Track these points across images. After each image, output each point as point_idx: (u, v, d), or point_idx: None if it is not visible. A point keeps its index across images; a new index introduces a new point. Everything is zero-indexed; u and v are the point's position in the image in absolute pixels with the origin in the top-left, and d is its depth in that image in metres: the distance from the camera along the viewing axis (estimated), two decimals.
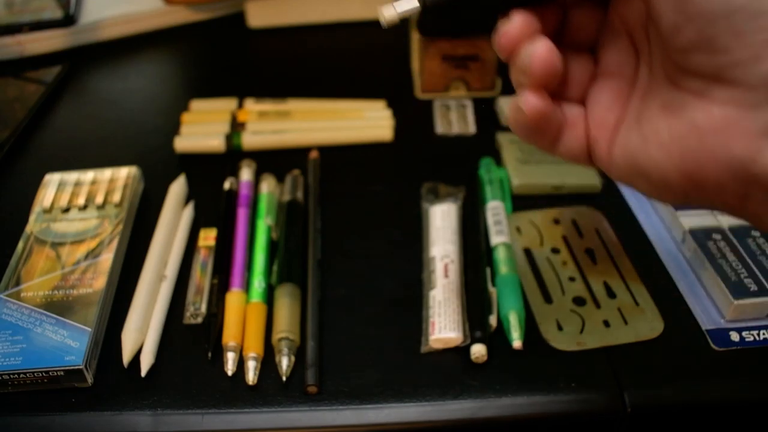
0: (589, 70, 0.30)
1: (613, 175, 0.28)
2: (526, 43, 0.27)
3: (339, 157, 0.52)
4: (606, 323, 0.39)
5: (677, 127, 0.25)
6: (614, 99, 0.29)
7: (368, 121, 0.55)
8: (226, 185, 0.48)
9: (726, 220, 0.43)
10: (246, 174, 0.49)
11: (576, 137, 0.29)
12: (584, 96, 0.30)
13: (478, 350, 0.36)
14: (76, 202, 0.45)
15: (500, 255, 0.42)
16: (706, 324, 0.39)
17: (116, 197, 0.46)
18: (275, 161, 0.50)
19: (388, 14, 0.27)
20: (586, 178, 0.47)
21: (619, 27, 0.28)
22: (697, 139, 0.24)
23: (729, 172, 0.23)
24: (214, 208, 0.46)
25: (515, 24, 0.27)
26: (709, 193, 0.25)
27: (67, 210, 0.45)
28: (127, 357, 0.37)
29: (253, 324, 0.39)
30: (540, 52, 0.26)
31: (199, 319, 0.40)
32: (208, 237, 0.44)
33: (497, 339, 0.38)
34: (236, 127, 0.54)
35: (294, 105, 0.56)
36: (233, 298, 0.40)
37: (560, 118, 0.29)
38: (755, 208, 0.24)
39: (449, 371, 0.37)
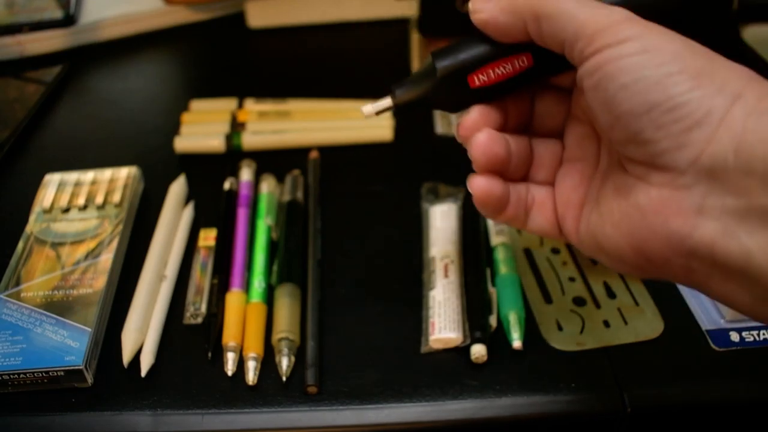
0: (557, 155, 0.32)
1: (582, 249, 0.31)
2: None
3: (339, 157, 0.52)
4: (606, 323, 0.39)
5: (625, 207, 0.27)
6: (579, 180, 0.31)
7: (368, 121, 0.55)
8: (226, 185, 0.48)
9: None
10: (246, 174, 0.49)
11: (545, 215, 0.32)
12: (553, 178, 0.32)
13: (478, 350, 0.37)
14: (76, 202, 0.45)
15: (500, 255, 0.42)
16: (706, 324, 0.39)
17: (116, 197, 0.46)
18: (275, 161, 0.50)
19: (366, 111, 0.32)
20: None
21: (581, 116, 0.31)
22: (641, 218, 0.26)
23: (670, 247, 0.25)
24: (214, 208, 0.46)
25: (472, 116, 0.30)
26: (658, 266, 0.27)
27: (67, 210, 0.45)
28: (127, 357, 0.37)
29: (253, 324, 0.39)
30: (480, 140, 0.30)
31: (199, 319, 0.40)
32: (208, 237, 0.44)
33: (497, 339, 0.38)
34: (236, 127, 0.54)
35: (294, 105, 0.56)
36: (233, 298, 0.40)
37: (523, 199, 0.31)
38: (699, 279, 0.26)
39: (449, 371, 0.37)
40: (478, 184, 0.30)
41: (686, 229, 0.25)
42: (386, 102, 0.32)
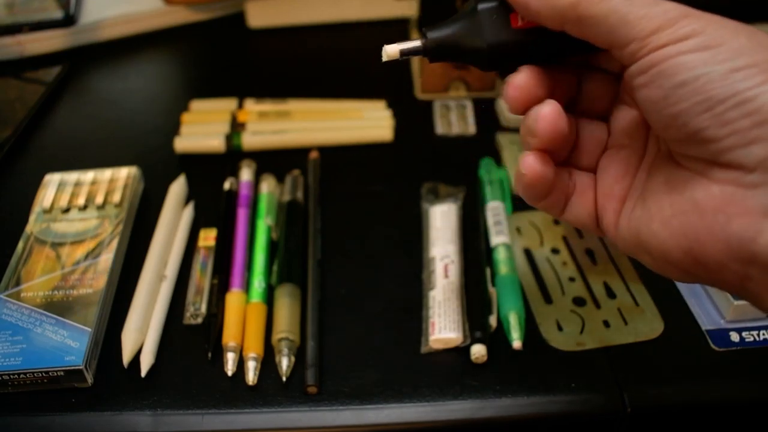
0: (601, 140, 0.30)
1: (619, 246, 0.29)
2: (534, 101, 0.27)
3: (339, 158, 0.52)
4: (606, 323, 0.39)
5: (679, 203, 0.25)
6: (624, 170, 0.29)
7: (368, 121, 0.55)
8: (226, 185, 0.48)
9: None
10: (246, 174, 0.49)
11: (584, 205, 0.29)
12: (595, 165, 0.30)
13: (478, 350, 0.37)
14: (76, 203, 0.45)
15: (500, 255, 0.42)
16: (706, 324, 0.39)
17: (116, 197, 0.46)
18: (275, 161, 0.50)
19: (389, 50, 0.28)
20: None
21: (630, 101, 0.29)
22: (698, 216, 0.24)
23: (728, 251, 0.23)
24: (214, 208, 0.46)
25: (523, 76, 0.27)
26: (710, 271, 0.25)
27: (67, 210, 0.45)
28: (127, 357, 0.37)
29: (253, 324, 0.39)
30: (546, 112, 0.27)
31: (199, 320, 0.40)
32: (208, 237, 0.44)
33: (497, 339, 0.38)
34: (236, 127, 0.54)
35: (294, 105, 0.56)
36: (233, 299, 0.40)
37: (566, 184, 0.29)
38: (755, 288, 0.24)
39: (449, 371, 0.37)
40: (532, 166, 0.27)
41: (750, 232, 0.23)
42: (415, 43, 0.28)
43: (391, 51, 0.28)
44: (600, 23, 0.24)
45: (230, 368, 0.37)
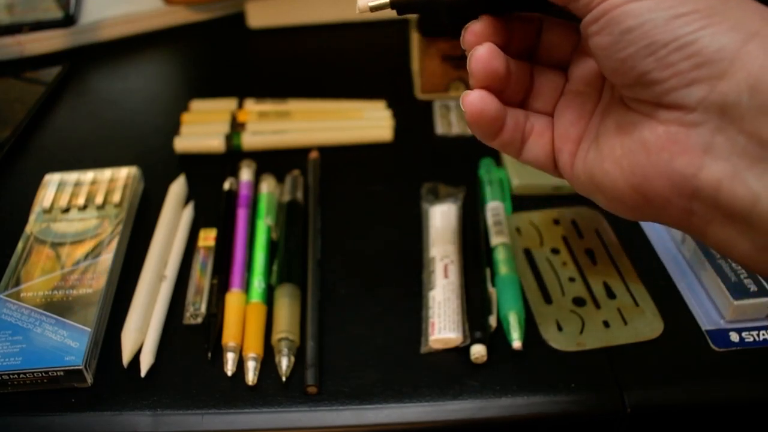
0: (558, 86, 0.32)
1: (575, 186, 0.30)
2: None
3: (339, 158, 0.52)
4: (606, 324, 0.39)
5: (628, 143, 0.27)
6: (579, 114, 0.31)
7: (368, 122, 0.55)
8: (226, 185, 0.48)
9: None
10: (246, 174, 0.49)
11: (541, 146, 0.31)
12: (552, 109, 0.32)
13: (478, 350, 0.36)
14: (76, 203, 0.45)
15: (500, 255, 0.42)
16: (705, 324, 0.39)
17: (116, 197, 0.46)
18: (275, 161, 0.50)
19: (360, 4, 0.30)
20: None
21: (590, 51, 0.30)
22: (645, 155, 0.26)
23: (672, 187, 0.25)
24: (214, 208, 0.46)
25: (480, 24, 0.29)
26: (657, 207, 0.26)
27: (66, 210, 0.45)
28: (126, 357, 0.37)
29: (252, 324, 0.39)
30: (480, 53, 0.28)
31: (199, 320, 0.40)
32: (207, 237, 0.44)
33: (497, 339, 0.38)
34: (236, 127, 0.54)
35: (294, 105, 0.56)
36: (233, 299, 0.40)
37: (521, 125, 0.31)
38: (698, 222, 0.25)
39: (449, 371, 0.37)
40: (471, 100, 0.29)
41: (692, 168, 0.24)
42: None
43: (361, 4, 0.30)
44: None
45: (230, 368, 0.37)
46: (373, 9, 0.30)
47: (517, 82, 0.31)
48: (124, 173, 0.48)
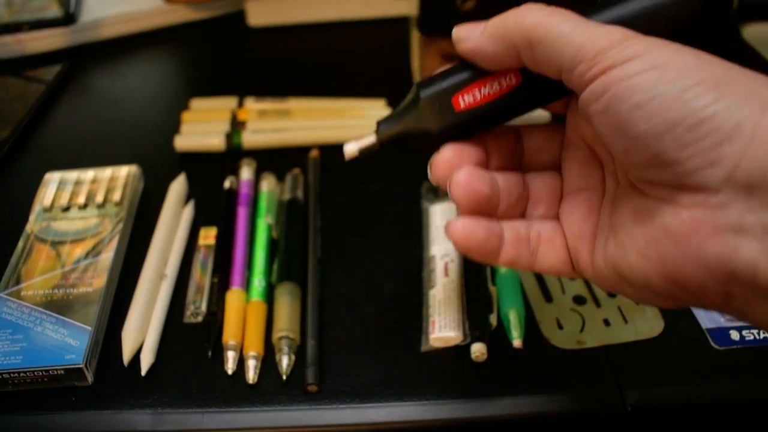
0: (555, 187, 0.31)
1: (599, 283, 0.29)
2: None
3: (339, 156, 0.51)
4: (606, 322, 0.39)
5: (651, 233, 0.25)
6: (588, 210, 0.29)
7: (368, 120, 0.55)
8: (227, 184, 0.48)
9: None
10: (246, 173, 0.49)
11: (555, 251, 0.29)
12: (556, 212, 0.30)
13: (478, 349, 0.37)
14: (77, 201, 0.45)
15: None
16: (706, 323, 0.39)
17: (116, 196, 0.46)
18: (275, 160, 0.50)
19: (348, 150, 0.30)
20: None
21: (580, 143, 0.29)
22: (672, 243, 0.24)
23: (708, 273, 0.23)
24: (214, 206, 0.46)
25: (445, 154, 0.29)
26: (694, 294, 0.24)
27: (67, 209, 0.45)
28: (127, 356, 0.37)
29: (253, 323, 0.39)
30: (460, 178, 0.28)
31: (200, 318, 0.40)
32: (208, 236, 0.44)
33: (497, 338, 0.38)
34: (236, 125, 0.54)
35: (294, 104, 0.56)
36: (233, 297, 0.40)
37: (524, 238, 0.29)
38: (739, 305, 0.24)
39: (449, 370, 0.37)
40: (455, 229, 0.28)
41: (726, 251, 0.23)
42: (370, 138, 0.30)
43: (349, 150, 0.30)
44: (548, 48, 0.25)
45: (230, 367, 0.37)
46: (362, 152, 0.30)
47: (510, 194, 0.29)
48: (124, 172, 0.48)
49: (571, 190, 0.30)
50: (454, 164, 0.28)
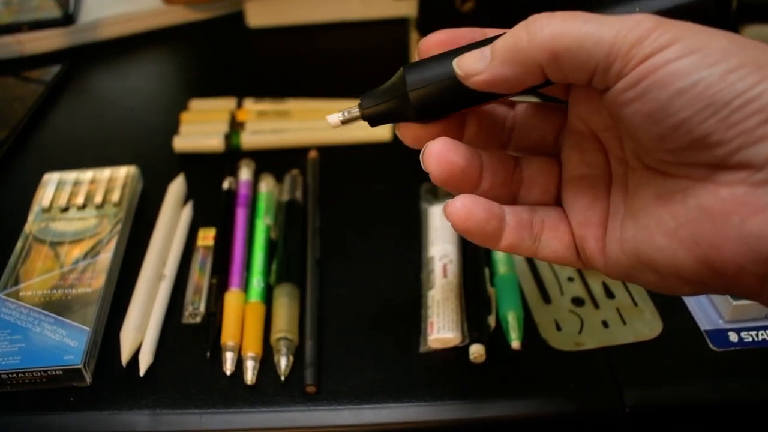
0: (553, 173, 0.30)
1: (611, 272, 0.28)
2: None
3: (338, 157, 0.52)
4: (605, 323, 0.39)
5: (683, 213, 0.24)
6: (593, 196, 0.28)
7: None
8: (225, 185, 0.48)
9: None
10: (245, 173, 0.49)
11: (559, 239, 0.29)
12: (555, 198, 0.30)
13: (477, 350, 0.37)
14: (75, 202, 0.45)
15: (499, 255, 0.42)
16: (704, 324, 0.39)
17: (115, 196, 0.46)
18: (274, 161, 0.50)
19: (332, 120, 0.30)
20: None
21: (583, 129, 0.28)
22: (710, 222, 0.23)
23: (747, 252, 0.23)
24: (213, 207, 0.46)
25: (438, 144, 0.27)
26: (728, 277, 0.24)
27: (65, 209, 0.45)
28: (125, 356, 0.37)
29: (251, 324, 0.39)
30: (433, 148, 0.27)
31: (198, 319, 0.40)
32: (207, 236, 0.44)
33: (496, 339, 0.38)
34: (235, 126, 0.54)
35: (293, 105, 0.56)
36: (232, 298, 0.40)
37: (527, 223, 0.28)
38: None
39: (448, 371, 0.37)
40: (453, 209, 0.27)
41: (767, 228, 0.22)
42: (354, 112, 0.30)
43: (332, 121, 0.30)
44: (577, 54, 0.24)
45: (229, 368, 0.37)
46: (345, 122, 0.30)
47: (495, 172, 0.29)
48: (123, 172, 0.48)
49: (572, 177, 0.29)
50: (424, 135, 0.28)
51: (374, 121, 0.30)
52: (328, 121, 0.30)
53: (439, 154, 0.27)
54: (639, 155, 0.26)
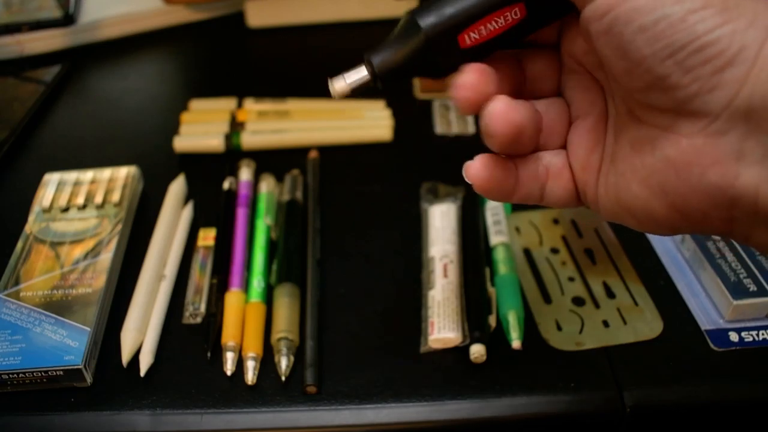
0: (564, 114, 0.29)
1: (602, 214, 0.28)
2: (485, 98, 0.26)
3: (338, 157, 0.52)
4: (605, 323, 0.39)
5: (651, 162, 0.25)
6: (595, 139, 0.28)
7: (368, 121, 0.55)
8: (226, 185, 0.48)
9: None
10: (245, 174, 0.49)
11: (562, 185, 0.29)
12: (564, 141, 0.29)
13: (477, 350, 0.37)
14: (76, 202, 0.45)
15: (499, 255, 0.42)
16: (705, 324, 0.39)
17: (115, 197, 0.46)
18: (274, 161, 0.50)
19: (338, 86, 0.27)
20: None
21: (577, 67, 0.28)
22: (673, 172, 0.24)
23: (710, 200, 0.23)
24: (213, 207, 0.46)
25: (469, 76, 0.26)
26: (696, 221, 0.25)
27: (66, 209, 0.45)
28: (126, 357, 0.37)
29: (252, 324, 0.39)
30: (498, 109, 0.25)
31: (199, 319, 0.40)
32: (207, 237, 0.44)
33: (496, 339, 0.38)
34: (235, 126, 0.54)
35: (293, 105, 0.56)
36: (232, 298, 0.40)
37: (535, 174, 0.28)
38: (741, 229, 0.24)
39: (448, 371, 0.37)
40: (475, 172, 0.27)
41: (727, 178, 0.23)
42: (362, 73, 0.27)
43: (339, 89, 0.27)
44: None
45: (229, 368, 0.37)
46: (354, 90, 0.27)
47: (530, 124, 0.27)
48: (123, 173, 0.48)
49: (576, 116, 0.29)
50: (481, 86, 0.26)
51: (386, 77, 0.27)
52: (333, 90, 0.27)
53: (505, 114, 0.26)
54: (621, 96, 0.26)
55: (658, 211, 0.25)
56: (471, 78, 0.26)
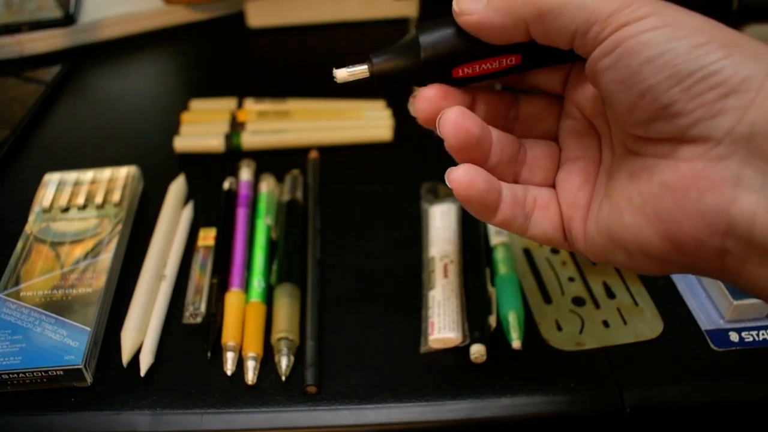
0: (553, 156, 0.31)
1: (590, 253, 0.29)
2: (438, 110, 0.28)
3: (339, 157, 0.52)
4: (605, 323, 0.39)
5: (648, 189, 0.25)
6: (584, 179, 0.30)
7: (368, 121, 0.55)
8: (226, 185, 0.48)
9: None
10: (245, 174, 0.49)
11: (549, 218, 0.30)
12: (553, 180, 0.31)
13: (478, 350, 0.37)
14: (76, 202, 0.45)
15: (499, 255, 0.42)
16: (705, 324, 0.39)
17: (116, 197, 0.46)
18: (275, 161, 0.50)
19: (339, 75, 0.30)
20: None
21: (578, 115, 0.30)
22: (671, 197, 0.25)
23: (706, 225, 0.24)
24: (213, 207, 0.46)
25: (431, 90, 0.28)
26: (688, 252, 0.25)
27: (66, 209, 0.45)
28: (126, 357, 0.37)
29: (252, 324, 0.39)
30: (450, 115, 0.27)
31: (199, 319, 0.40)
32: (207, 237, 0.44)
33: (496, 339, 0.38)
34: (236, 126, 0.54)
35: (293, 105, 0.56)
36: (232, 298, 0.40)
37: (521, 200, 0.29)
38: (733, 263, 0.24)
39: (448, 371, 0.37)
40: (456, 177, 0.28)
41: (724, 202, 0.23)
42: (362, 68, 0.30)
43: (340, 76, 0.31)
44: (560, 16, 0.25)
45: (229, 368, 0.37)
46: (352, 78, 0.31)
47: (503, 149, 0.29)
48: (123, 173, 0.48)
49: (567, 159, 0.31)
50: (439, 102, 0.28)
51: (381, 78, 0.30)
52: (335, 76, 0.30)
53: (456, 120, 0.27)
54: (621, 137, 0.27)
55: (650, 241, 0.26)
56: (431, 93, 0.28)
